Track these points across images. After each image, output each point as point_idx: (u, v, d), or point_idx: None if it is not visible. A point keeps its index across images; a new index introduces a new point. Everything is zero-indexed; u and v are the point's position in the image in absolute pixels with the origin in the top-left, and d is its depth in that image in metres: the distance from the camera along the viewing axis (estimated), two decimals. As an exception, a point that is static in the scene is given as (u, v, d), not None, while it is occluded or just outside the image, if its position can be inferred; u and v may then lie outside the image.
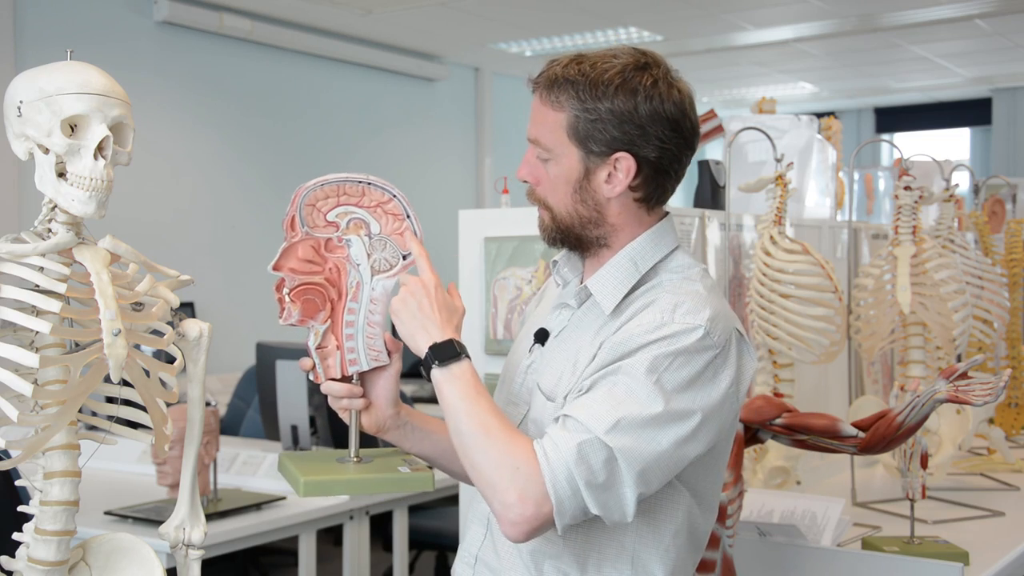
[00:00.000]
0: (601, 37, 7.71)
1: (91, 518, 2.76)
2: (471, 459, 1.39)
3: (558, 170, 1.49)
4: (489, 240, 2.74)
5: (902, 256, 2.69)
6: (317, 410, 3.59)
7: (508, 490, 1.33)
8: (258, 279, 6.79)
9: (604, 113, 1.44)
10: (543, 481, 1.32)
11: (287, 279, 1.52)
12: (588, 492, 1.33)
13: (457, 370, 1.43)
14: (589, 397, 1.38)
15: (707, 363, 1.39)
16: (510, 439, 1.37)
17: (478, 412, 1.39)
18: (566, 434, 1.34)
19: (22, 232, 1.37)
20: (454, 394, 1.42)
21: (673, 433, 1.36)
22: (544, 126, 1.49)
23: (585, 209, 1.49)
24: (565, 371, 1.49)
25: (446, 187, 8.39)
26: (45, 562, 1.37)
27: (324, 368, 1.54)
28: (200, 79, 6.62)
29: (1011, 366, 3.55)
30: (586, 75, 1.45)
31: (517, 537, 1.35)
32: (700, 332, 1.39)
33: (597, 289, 1.50)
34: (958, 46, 8.31)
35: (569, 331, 1.54)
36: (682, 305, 1.41)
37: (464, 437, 1.40)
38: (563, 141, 1.47)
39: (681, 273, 1.50)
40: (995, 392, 1.84)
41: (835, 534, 2.24)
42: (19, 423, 1.29)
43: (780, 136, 3.24)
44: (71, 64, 1.34)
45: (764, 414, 2.00)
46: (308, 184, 1.51)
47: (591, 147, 1.46)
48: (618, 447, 1.33)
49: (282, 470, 1.61)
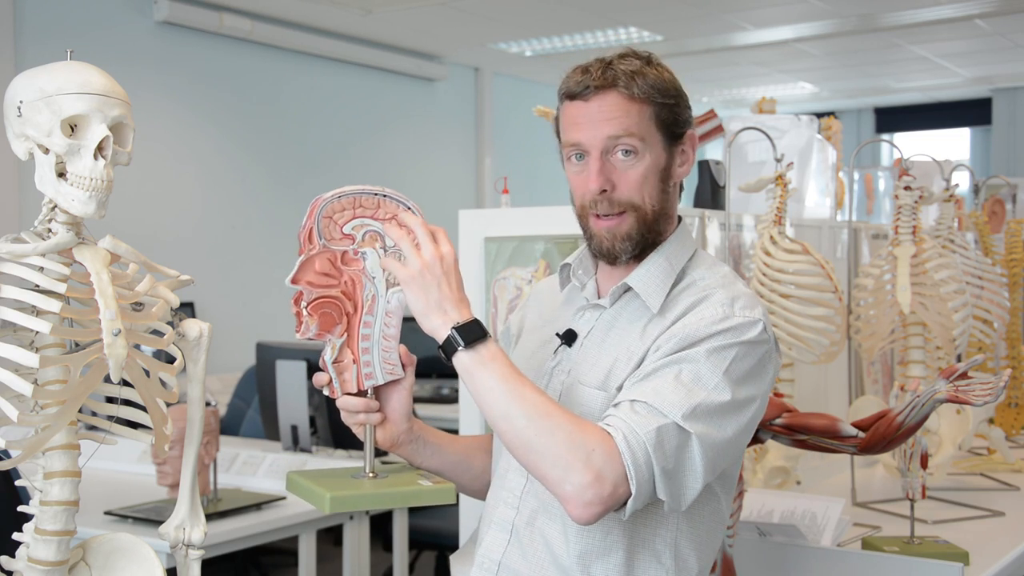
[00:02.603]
0: (601, 37, 7.70)
1: (91, 518, 2.76)
2: (530, 443, 1.35)
3: (648, 163, 1.51)
4: (489, 240, 2.74)
5: (902, 256, 2.69)
6: (317, 410, 3.59)
7: (584, 471, 1.31)
8: (258, 279, 6.80)
9: (676, 96, 1.52)
10: (622, 464, 1.32)
11: (305, 292, 1.49)
12: (661, 477, 1.34)
13: (487, 352, 1.39)
14: (657, 382, 1.39)
15: (762, 356, 1.45)
16: (575, 420, 1.36)
17: (528, 394, 1.37)
18: (642, 418, 1.35)
19: (22, 232, 1.37)
20: (492, 378, 1.38)
21: (737, 422, 1.40)
22: (630, 120, 1.49)
23: (665, 198, 1.54)
24: (616, 365, 1.49)
25: (446, 187, 8.39)
26: (45, 562, 1.37)
27: (340, 383, 1.53)
28: (200, 79, 6.62)
29: (1011, 366, 3.54)
30: (643, 68, 1.50)
31: (589, 519, 1.34)
32: (760, 326, 1.45)
33: (641, 287, 1.52)
34: (958, 46, 8.31)
35: (605, 329, 1.54)
36: (739, 300, 1.47)
37: (517, 420, 1.35)
38: (652, 131, 1.50)
39: (715, 271, 1.55)
40: (995, 392, 1.84)
41: (835, 534, 2.24)
42: (19, 423, 1.29)
43: (780, 136, 3.24)
44: (71, 64, 1.34)
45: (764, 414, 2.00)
46: (326, 196, 1.48)
47: (675, 131, 1.53)
48: (697, 432, 1.35)
49: (295, 489, 1.59)
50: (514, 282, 2.70)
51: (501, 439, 1.40)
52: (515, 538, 1.53)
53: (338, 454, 3.53)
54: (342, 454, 3.52)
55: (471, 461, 1.69)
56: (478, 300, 2.75)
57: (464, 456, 1.69)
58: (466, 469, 1.69)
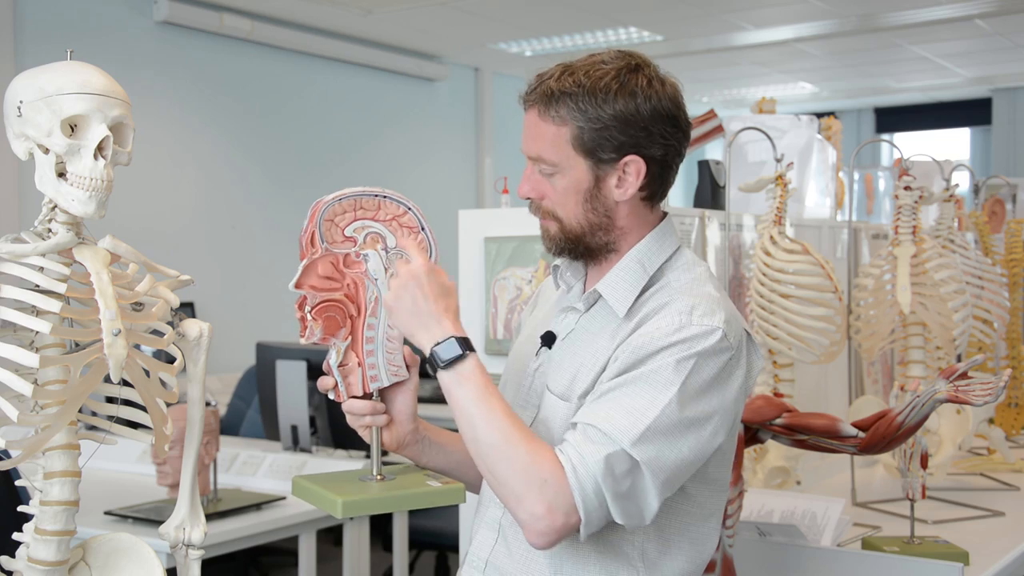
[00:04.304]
0: (601, 37, 7.70)
1: (91, 518, 2.76)
2: (492, 468, 1.38)
3: (566, 183, 1.48)
4: (489, 240, 2.74)
5: (902, 256, 2.69)
6: (317, 410, 3.60)
7: (536, 503, 1.33)
8: (258, 279, 6.80)
9: (608, 120, 1.44)
10: (571, 494, 1.32)
11: (308, 297, 1.49)
12: (614, 503, 1.34)
13: (465, 370, 1.40)
14: (610, 405, 1.37)
15: (723, 365, 1.40)
16: (532, 448, 1.36)
17: (495, 418, 1.38)
18: (591, 446, 1.34)
19: (22, 232, 1.37)
20: (467, 398, 1.40)
21: (693, 438, 1.37)
22: (545, 141, 1.47)
23: (596, 216, 1.49)
24: (580, 372, 1.48)
25: (446, 187, 8.39)
26: (45, 562, 1.37)
27: (346, 386, 1.52)
28: (200, 79, 6.62)
29: (1011, 366, 3.55)
30: (582, 85, 1.44)
31: (543, 546, 1.36)
32: (718, 335, 1.40)
33: (608, 293, 1.50)
34: (958, 46, 8.31)
35: (579, 334, 1.53)
36: (698, 307, 1.42)
37: (482, 446, 1.38)
38: (569, 154, 1.47)
39: (689, 273, 1.51)
40: (995, 392, 1.84)
41: (835, 534, 2.24)
42: (19, 423, 1.29)
43: (780, 136, 3.24)
44: (71, 64, 1.34)
45: (764, 414, 2.00)
46: (327, 199, 1.48)
47: (600, 155, 1.46)
48: (645, 459, 1.33)
49: (303, 494, 1.58)
50: (514, 282, 2.70)
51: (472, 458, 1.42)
52: (502, 537, 1.55)
53: (338, 454, 3.53)
54: (342, 454, 3.52)
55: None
56: (478, 300, 2.75)
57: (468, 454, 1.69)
58: (471, 466, 1.68)
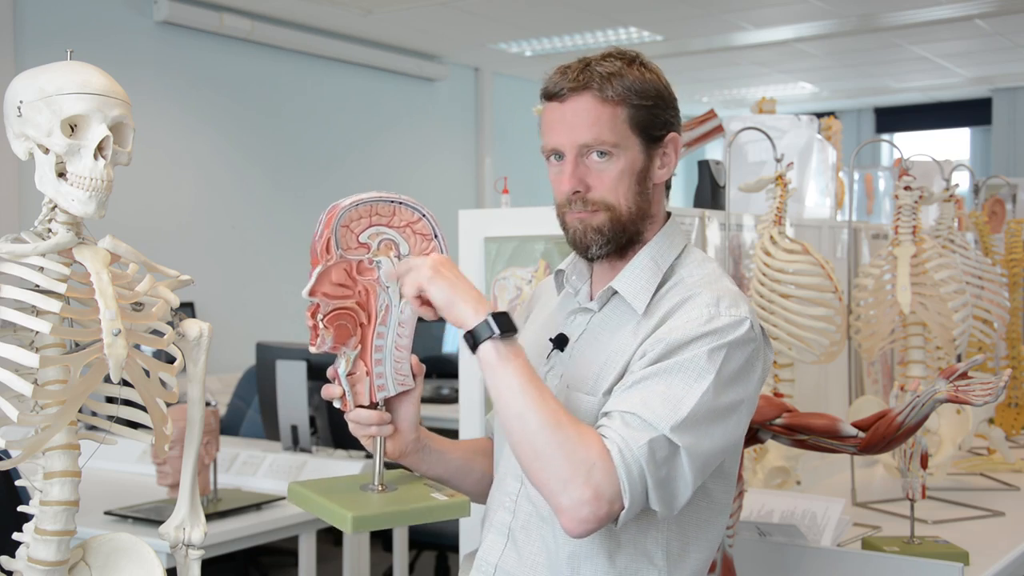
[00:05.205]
0: (601, 37, 7.70)
1: (91, 518, 2.76)
2: (538, 449, 1.34)
3: (622, 165, 1.49)
4: (489, 240, 2.74)
5: (902, 256, 2.69)
6: (317, 410, 3.60)
7: (583, 487, 1.32)
8: (258, 279, 6.80)
9: (655, 97, 1.50)
10: (617, 480, 1.32)
11: (321, 304, 1.45)
12: (654, 489, 1.34)
13: (514, 348, 1.39)
14: (646, 393, 1.38)
15: (750, 354, 1.44)
16: (580, 431, 1.35)
17: (546, 400, 1.36)
18: (634, 432, 1.34)
19: (22, 232, 1.37)
20: (514, 375, 1.37)
21: (725, 426, 1.40)
22: (603, 124, 1.48)
23: (643, 200, 1.52)
24: (605, 368, 1.48)
25: (446, 187, 8.39)
26: (45, 562, 1.37)
27: (353, 395, 1.50)
28: (200, 79, 6.62)
29: (1011, 366, 3.54)
30: (621, 70, 1.49)
31: (581, 534, 1.35)
32: (747, 324, 1.44)
33: (626, 290, 1.52)
34: (958, 46, 8.31)
35: (594, 333, 1.54)
36: (724, 299, 1.45)
37: (530, 424, 1.34)
38: (627, 134, 1.49)
39: (701, 269, 1.54)
40: (995, 392, 1.84)
41: (835, 534, 2.24)
42: (19, 423, 1.29)
43: (780, 136, 3.24)
44: (71, 64, 1.34)
45: (764, 414, 2.00)
46: (343, 203, 1.46)
47: (652, 133, 1.51)
48: (685, 445, 1.35)
49: (303, 502, 1.55)
50: (514, 282, 2.70)
51: (509, 439, 1.39)
52: (511, 542, 1.54)
53: (338, 454, 3.53)
54: (342, 454, 3.52)
55: (472, 465, 1.70)
56: (478, 300, 2.74)
57: (466, 461, 1.69)
58: (467, 473, 1.69)
